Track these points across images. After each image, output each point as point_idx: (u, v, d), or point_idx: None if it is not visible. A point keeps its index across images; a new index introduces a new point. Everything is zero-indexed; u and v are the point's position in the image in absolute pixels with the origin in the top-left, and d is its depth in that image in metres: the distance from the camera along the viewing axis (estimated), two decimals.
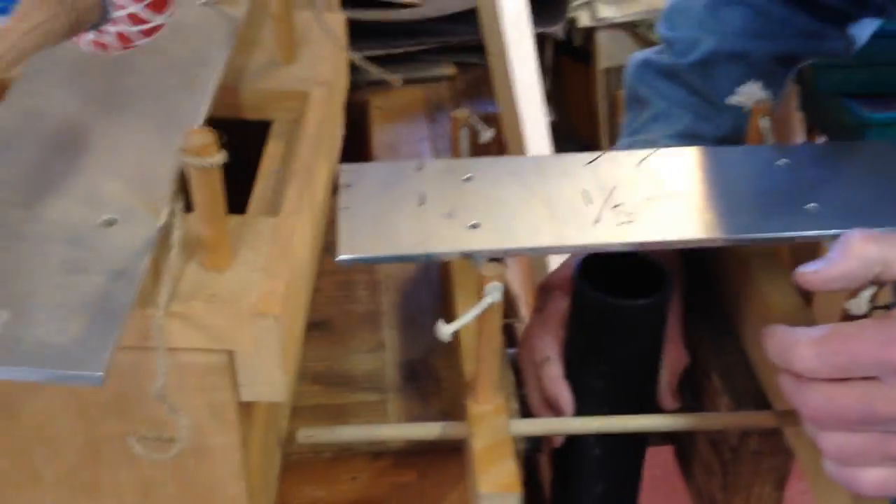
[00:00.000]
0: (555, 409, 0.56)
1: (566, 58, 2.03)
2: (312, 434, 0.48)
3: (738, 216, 0.53)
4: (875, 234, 0.45)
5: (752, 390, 0.58)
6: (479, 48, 0.91)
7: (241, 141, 0.55)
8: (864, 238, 0.45)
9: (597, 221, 0.52)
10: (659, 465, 0.71)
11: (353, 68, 0.90)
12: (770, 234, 0.52)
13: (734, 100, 0.61)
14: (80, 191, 0.40)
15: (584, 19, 1.87)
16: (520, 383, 0.59)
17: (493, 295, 0.46)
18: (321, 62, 0.57)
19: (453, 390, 0.57)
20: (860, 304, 0.46)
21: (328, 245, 0.54)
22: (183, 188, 0.40)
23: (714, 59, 0.68)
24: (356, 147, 0.88)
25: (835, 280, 0.46)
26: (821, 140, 1.81)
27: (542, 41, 1.10)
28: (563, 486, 0.60)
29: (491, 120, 0.90)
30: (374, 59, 0.92)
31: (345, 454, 0.55)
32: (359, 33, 0.91)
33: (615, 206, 0.54)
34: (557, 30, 1.06)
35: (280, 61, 0.56)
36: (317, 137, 0.51)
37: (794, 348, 0.44)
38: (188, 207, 0.40)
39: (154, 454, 0.37)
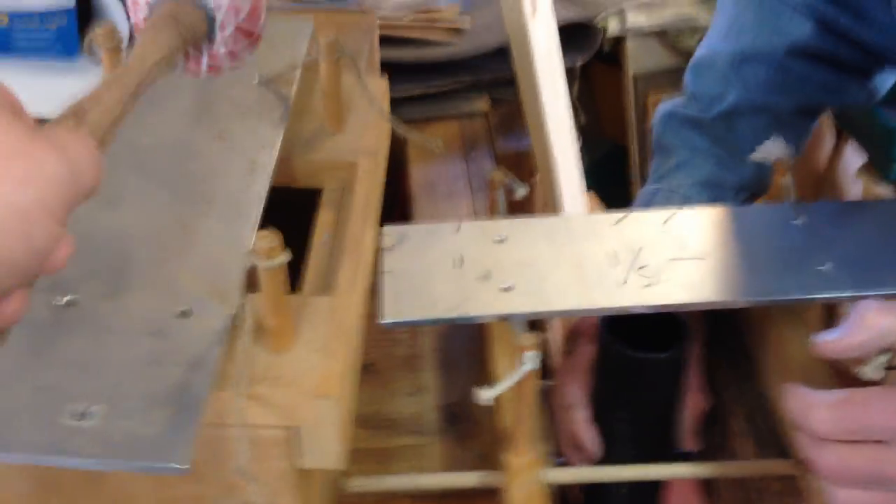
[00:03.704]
0: (582, 452, 0.61)
1: (596, 62, 2.06)
2: (362, 484, 0.53)
3: (756, 277, 0.57)
4: (889, 306, 0.49)
5: (775, 434, 0.62)
6: (511, 83, 0.95)
7: (292, 203, 0.59)
8: (879, 310, 0.49)
9: (622, 283, 0.56)
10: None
11: (392, 101, 0.94)
12: (786, 296, 0.56)
13: (757, 156, 0.64)
14: (159, 283, 0.45)
15: (613, 27, 1.90)
16: (550, 420, 0.63)
17: (529, 363, 0.50)
18: (367, 130, 0.61)
19: (490, 433, 0.62)
20: (875, 370, 0.50)
21: (371, 287, 0.59)
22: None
23: (737, 112, 0.71)
24: (395, 186, 0.92)
25: (850, 349, 0.49)
26: (852, 145, 1.82)
27: None
28: None
29: (524, 155, 0.94)
30: (411, 98, 0.97)
31: (387, 496, 0.59)
32: (396, 72, 0.96)
33: (640, 268, 0.57)
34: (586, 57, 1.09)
35: (329, 131, 0.61)
36: (366, 208, 0.55)
37: (812, 410, 0.48)
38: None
39: None
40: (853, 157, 1.84)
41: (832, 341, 0.49)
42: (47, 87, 0.95)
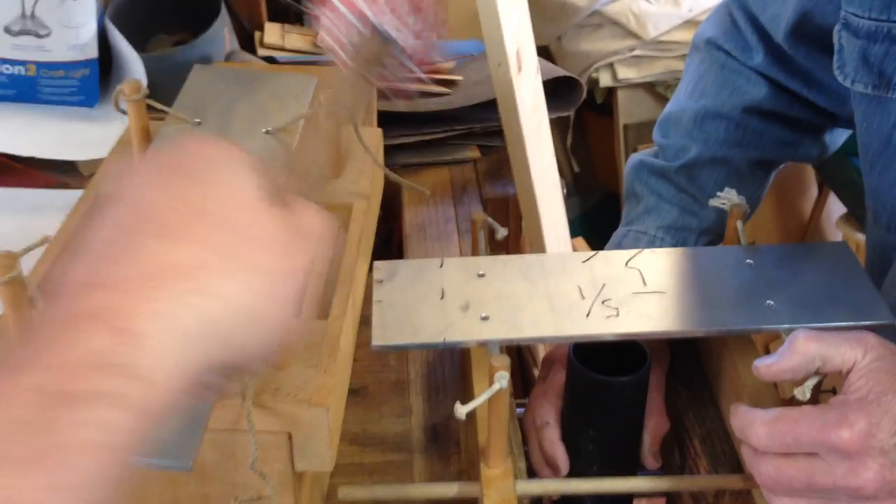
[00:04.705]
0: (552, 467, 0.67)
1: (589, 112, 2.15)
2: (352, 492, 0.59)
3: (709, 311, 0.63)
4: (816, 334, 0.55)
5: (728, 454, 0.67)
6: (500, 133, 1.02)
7: None
8: (807, 338, 0.55)
9: (588, 314, 0.63)
10: None
11: (387, 149, 1.01)
12: (734, 327, 0.62)
13: (714, 203, 0.71)
14: None
15: (605, 79, 1.99)
16: (525, 441, 0.69)
17: (500, 382, 0.56)
18: (362, 176, 0.68)
19: (470, 451, 0.68)
20: (805, 391, 0.56)
21: (365, 319, 0.65)
22: None
23: (699, 164, 0.78)
24: (391, 227, 0.99)
25: (783, 373, 0.56)
26: (835, 196, 1.90)
27: None
28: None
29: (510, 200, 1.01)
30: (407, 145, 1.05)
31: None
32: (393, 121, 1.03)
33: (604, 301, 0.64)
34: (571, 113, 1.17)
35: (328, 176, 0.68)
36: (359, 245, 0.62)
37: (751, 427, 0.54)
38: None
39: None
40: (836, 207, 1.91)
41: (767, 366, 0.55)
42: (69, 133, 1.03)
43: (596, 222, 2.18)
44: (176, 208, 0.32)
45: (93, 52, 1.05)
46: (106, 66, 1.08)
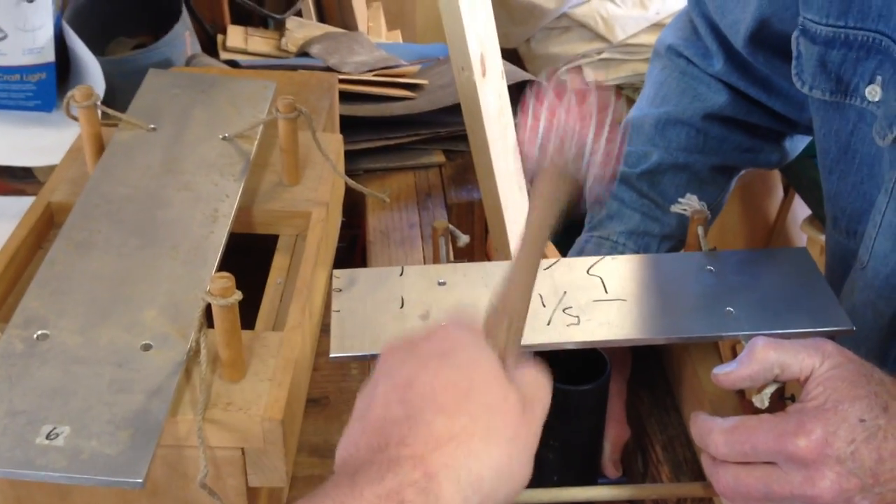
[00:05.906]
0: None
1: None
2: None
3: (669, 318, 0.63)
4: (774, 342, 0.55)
5: (690, 461, 0.67)
6: (466, 137, 1.02)
7: (253, 248, 0.65)
8: (766, 345, 0.55)
9: (549, 322, 0.62)
10: None
11: (351, 154, 1.00)
12: (694, 334, 0.62)
13: (676, 208, 0.71)
14: (124, 319, 0.50)
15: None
16: None
17: None
18: (321, 183, 0.67)
19: None
20: (763, 399, 0.56)
21: (325, 327, 0.64)
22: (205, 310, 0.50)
23: (660, 170, 0.78)
24: (354, 231, 0.98)
25: (741, 381, 0.56)
26: (797, 198, 1.91)
27: None
28: None
29: (475, 205, 1.00)
30: (371, 150, 1.04)
31: None
32: (357, 126, 1.02)
33: (565, 309, 0.64)
34: None
35: (286, 183, 0.67)
36: (317, 254, 0.61)
37: (710, 435, 0.54)
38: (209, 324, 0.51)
39: None
40: (801, 209, 1.93)
41: (726, 373, 0.55)
42: (25, 139, 1.01)
43: (566, 226, 2.18)
44: (449, 389, 0.42)
45: (49, 56, 1.03)
46: (64, 70, 1.06)
